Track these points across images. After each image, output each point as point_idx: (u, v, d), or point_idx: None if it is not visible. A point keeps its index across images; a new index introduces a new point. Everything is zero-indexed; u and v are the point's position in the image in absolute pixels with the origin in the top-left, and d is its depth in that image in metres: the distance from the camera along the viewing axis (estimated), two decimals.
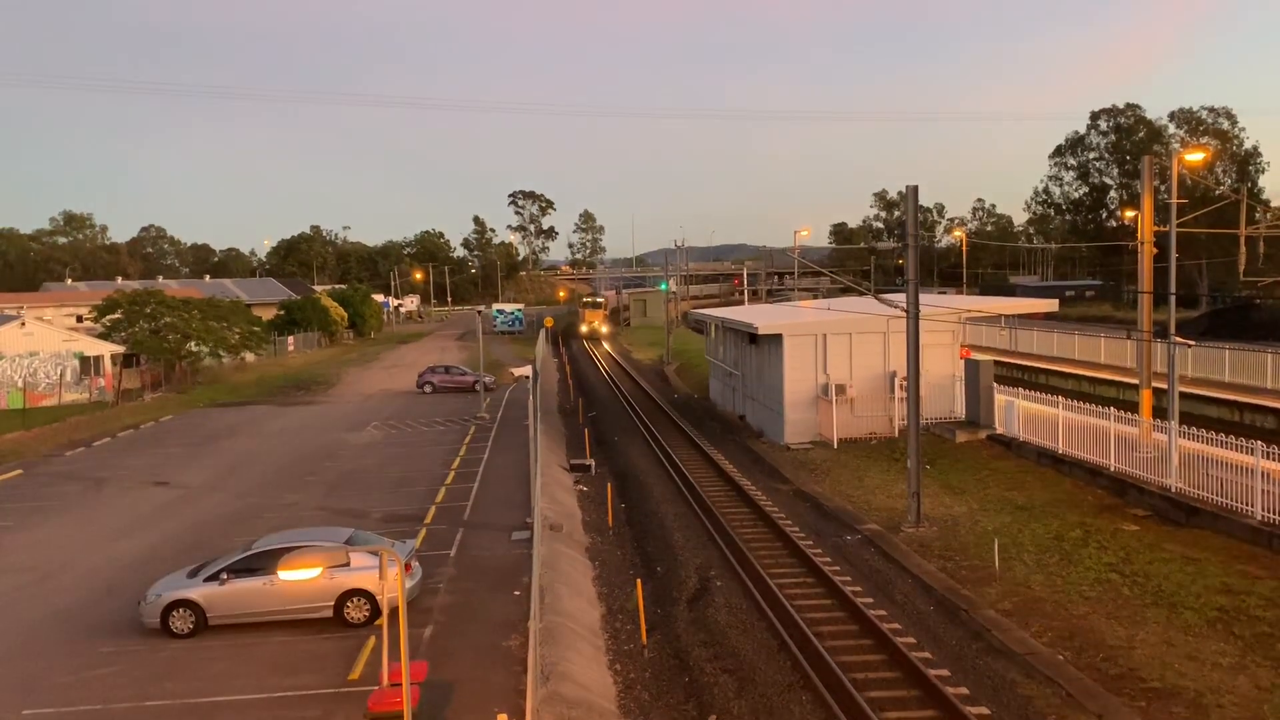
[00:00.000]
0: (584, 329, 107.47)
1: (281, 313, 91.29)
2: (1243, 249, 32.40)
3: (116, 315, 59.71)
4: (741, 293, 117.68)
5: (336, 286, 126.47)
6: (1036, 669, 15.62)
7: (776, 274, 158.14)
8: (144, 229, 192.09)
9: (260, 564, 18.03)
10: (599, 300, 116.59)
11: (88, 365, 56.34)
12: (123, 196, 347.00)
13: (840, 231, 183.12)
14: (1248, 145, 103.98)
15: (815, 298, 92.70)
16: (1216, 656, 15.61)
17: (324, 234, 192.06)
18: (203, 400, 55.63)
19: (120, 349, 58.02)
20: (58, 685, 16.05)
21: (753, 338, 39.60)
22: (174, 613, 17.85)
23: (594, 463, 33.98)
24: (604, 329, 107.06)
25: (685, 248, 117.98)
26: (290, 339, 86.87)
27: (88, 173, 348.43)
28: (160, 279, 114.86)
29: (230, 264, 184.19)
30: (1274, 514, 20.45)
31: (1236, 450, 21.82)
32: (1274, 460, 20.80)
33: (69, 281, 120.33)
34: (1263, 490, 20.82)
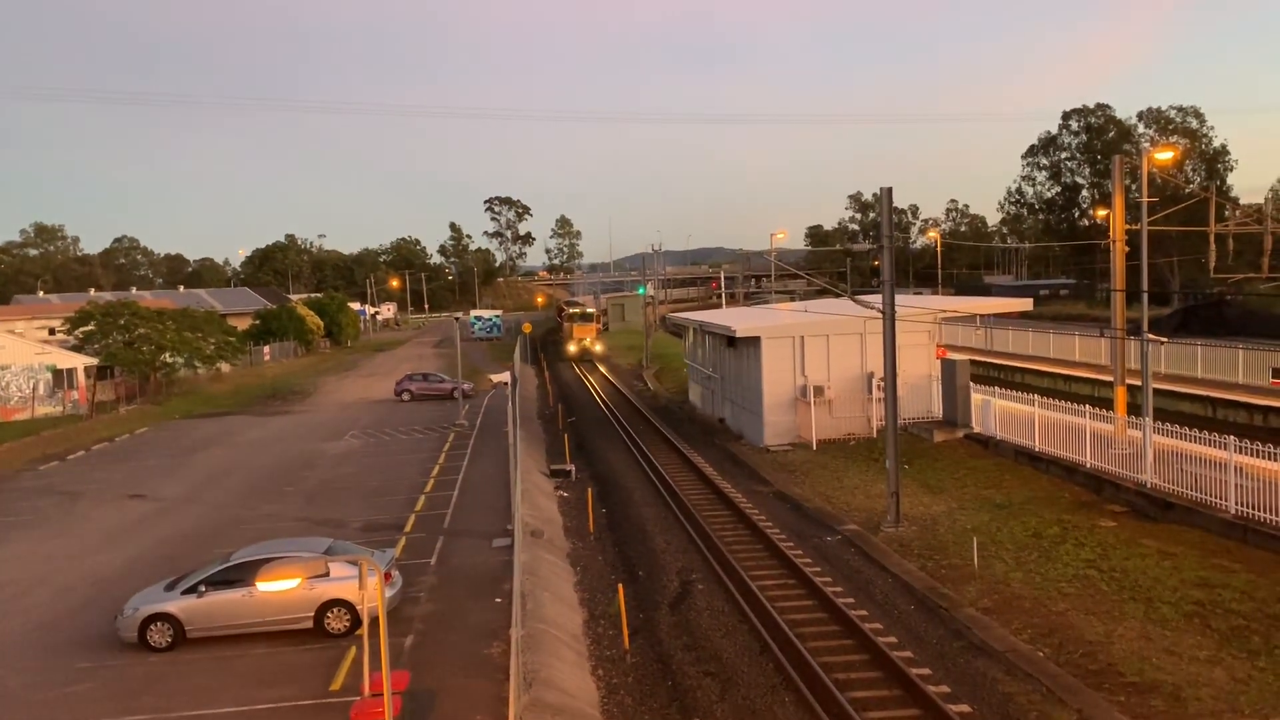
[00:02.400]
0: (571, 349, 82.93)
1: (257, 322, 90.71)
2: (1213, 246, 32.70)
3: (90, 327, 59.15)
4: (719, 296, 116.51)
5: (312, 295, 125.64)
6: (1017, 666, 15.73)
7: (753, 277, 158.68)
8: (116, 240, 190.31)
9: (238, 575, 17.90)
10: (589, 310, 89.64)
11: (61, 378, 55.76)
12: (95, 207, 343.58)
13: (816, 234, 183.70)
14: (1216, 144, 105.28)
15: (792, 300, 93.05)
16: (1193, 650, 15.76)
17: (299, 243, 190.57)
18: (178, 412, 55.19)
19: (94, 361, 57.45)
20: (33, 702, 15.86)
21: (731, 340, 39.68)
22: (151, 626, 17.69)
23: (574, 468, 33.93)
24: (598, 348, 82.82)
25: (662, 252, 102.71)
26: (266, 348, 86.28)
27: (59, 184, 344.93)
28: (134, 290, 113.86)
29: (204, 274, 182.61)
30: (1248, 508, 20.68)
31: (1210, 445, 22.06)
32: (1247, 455, 21.04)
33: (41, 294, 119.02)
34: (1236, 484, 21.05)
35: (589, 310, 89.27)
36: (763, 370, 35.93)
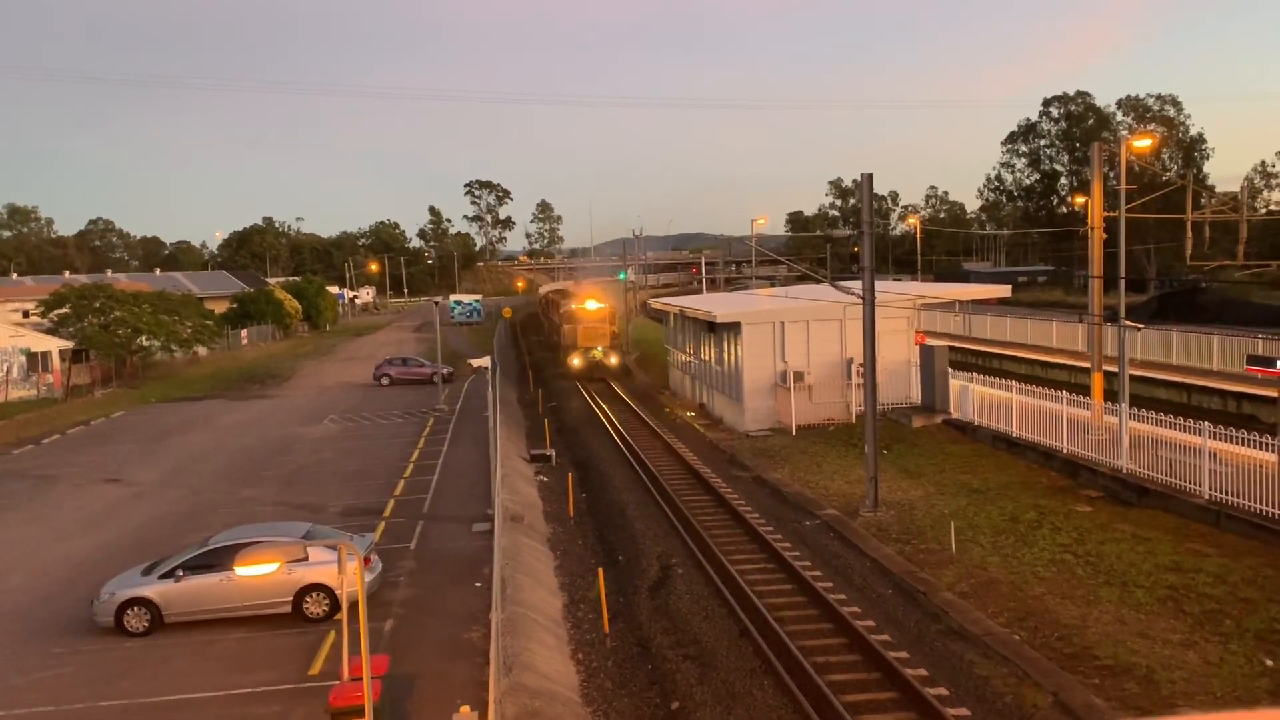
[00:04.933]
0: (574, 362, 56.35)
1: (234, 306, 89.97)
2: (1189, 234, 33.01)
3: (64, 310, 58.55)
4: (700, 281, 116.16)
5: (290, 279, 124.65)
6: (994, 649, 15.86)
7: (734, 262, 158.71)
8: (91, 222, 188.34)
9: (216, 560, 17.81)
10: (597, 305, 58.70)
11: (35, 361, 55.18)
12: (69, 189, 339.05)
13: (796, 220, 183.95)
14: (1193, 132, 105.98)
15: (773, 285, 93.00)
16: (1167, 633, 15.95)
17: (277, 226, 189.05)
18: (155, 395, 54.75)
19: (69, 344, 56.88)
20: (8, 688, 15.74)
21: (711, 326, 39.71)
22: (128, 611, 17.59)
23: (554, 453, 33.91)
24: (614, 360, 56.91)
25: (643, 237, 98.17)
26: (244, 332, 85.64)
27: (32, 165, 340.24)
28: (109, 273, 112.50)
29: (181, 257, 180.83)
30: (1221, 493, 20.92)
31: (1185, 431, 22.29)
32: (1221, 440, 21.27)
33: (14, 276, 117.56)
34: (1210, 470, 21.29)
35: (597, 305, 58.59)
36: (743, 356, 35.99)
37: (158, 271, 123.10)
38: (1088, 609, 17.15)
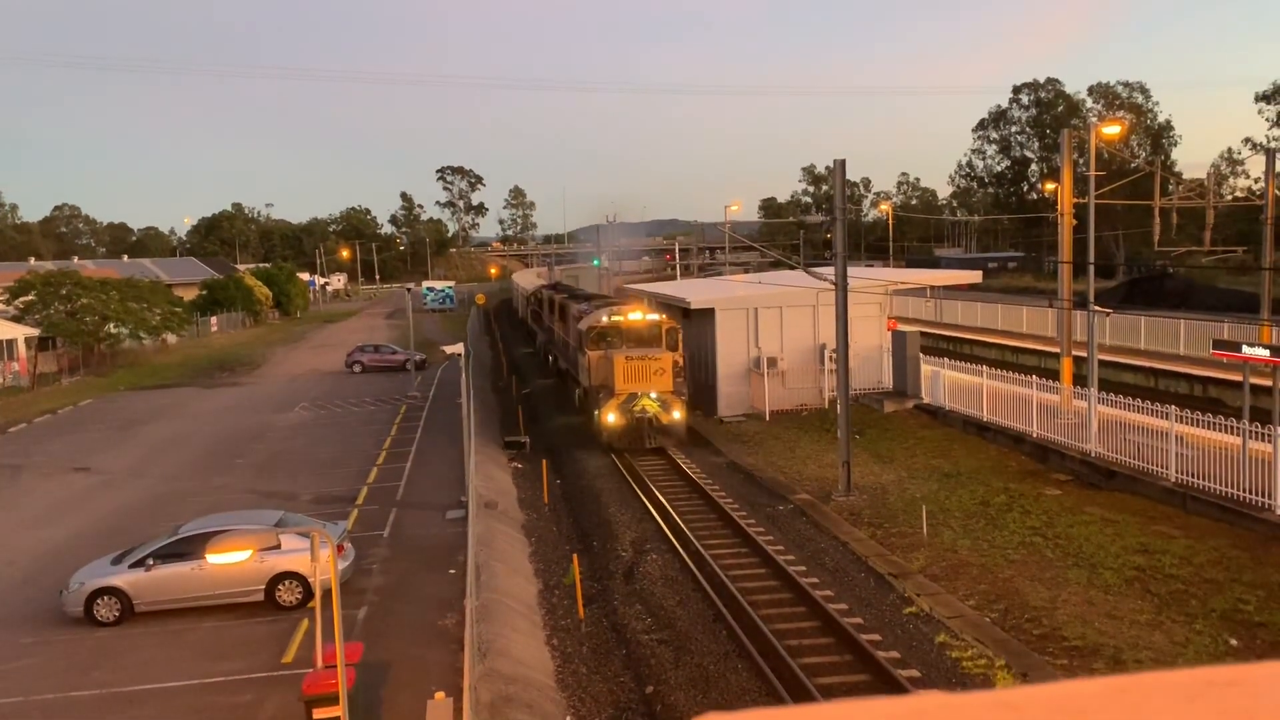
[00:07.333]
0: (610, 418, 30.60)
1: (204, 293, 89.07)
2: (1157, 220, 33.34)
3: (30, 297, 57.68)
4: (674, 268, 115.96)
5: (260, 265, 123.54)
6: (965, 631, 16.04)
7: (708, 249, 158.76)
8: (57, 208, 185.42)
9: (188, 548, 17.69)
10: (643, 316, 33.20)
11: (1, 349, 54.41)
12: (34, 174, 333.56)
13: (770, 206, 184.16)
14: (1161, 119, 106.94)
15: (746, 272, 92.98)
16: (1134, 614, 16.18)
17: (246, 211, 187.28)
18: (123, 383, 54.15)
19: (35, 332, 56.09)
20: None
21: (686, 312, 39.72)
22: (98, 601, 17.44)
23: (528, 440, 33.84)
24: (678, 415, 30.74)
25: (617, 224, 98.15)
26: (213, 319, 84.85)
27: None
28: (76, 259, 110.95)
29: (149, 243, 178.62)
30: (1187, 476, 21.23)
31: (1152, 415, 22.59)
32: (1187, 424, 21.58)
33: None
34: (1176, 453, 21.60)
35: (644, 314, 33.91)
36: (717, 342, 36.04)
37: (125, 258, 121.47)
38: (1057, 591, 17.37)
